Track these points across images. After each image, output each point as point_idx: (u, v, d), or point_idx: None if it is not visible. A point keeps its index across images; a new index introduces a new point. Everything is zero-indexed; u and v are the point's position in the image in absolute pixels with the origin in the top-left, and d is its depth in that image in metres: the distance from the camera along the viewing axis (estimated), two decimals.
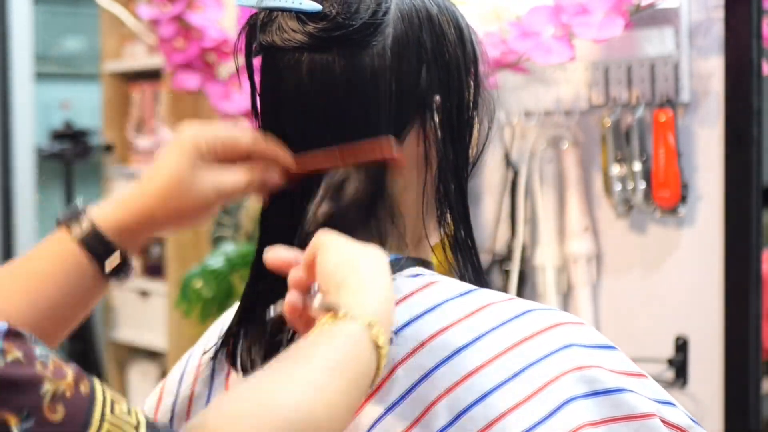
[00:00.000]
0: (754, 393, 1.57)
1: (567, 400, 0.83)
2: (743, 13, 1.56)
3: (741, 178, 1.58)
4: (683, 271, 1.69)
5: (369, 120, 0.90)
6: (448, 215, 0.95)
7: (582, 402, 0.83)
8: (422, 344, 0.86)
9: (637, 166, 1.69)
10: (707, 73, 1.64)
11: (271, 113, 0.93)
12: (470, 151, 0.96)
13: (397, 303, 0.89)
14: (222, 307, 2.55)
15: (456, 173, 0.94)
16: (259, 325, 0.92)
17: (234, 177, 0.93)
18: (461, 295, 0.89)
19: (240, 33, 0.94)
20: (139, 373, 3.49)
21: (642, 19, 1.66)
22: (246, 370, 0.92)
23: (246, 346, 0.92)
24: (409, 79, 0.91)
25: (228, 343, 0.94)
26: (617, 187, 1.72)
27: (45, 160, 3.67)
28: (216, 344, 0.97)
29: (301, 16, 0.90)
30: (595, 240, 1.79)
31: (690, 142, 1.67)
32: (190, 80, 2.47)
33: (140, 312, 3.47)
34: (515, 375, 0.83)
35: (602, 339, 0.88)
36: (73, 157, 3.41)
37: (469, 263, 0.95)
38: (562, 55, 1.62)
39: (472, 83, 0.95)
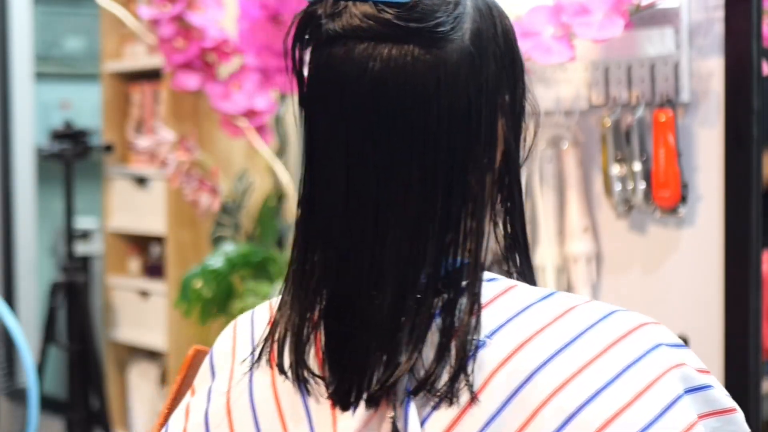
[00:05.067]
0: (754, 393, 1.57)
1: (677, 398, 0.84)
2: (743, 13, 1.56)
3: (741, 178, 1.58)
4: (683, 271, 1.69)
5: (452, 119, 0.86)
6: (504, 215, 0.92)
7: (687, 398, 0.85)
8: (518, 348, 0.85)
9: (637, 166, 1.69)
10: (707, 73, 1.64)
11: (331, 112, 0.87)
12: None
13: (483, 307, 0.87)
14: (222, 307, 2.56)
15: (517, 175, 0.92)
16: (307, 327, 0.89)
17: None
18: (543, 298, 0.89)
19: (295, 21, 0.89)
20: (139, 373, 3.49)
21: (642, 19, 1.66)
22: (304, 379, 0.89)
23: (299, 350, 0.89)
24: (487, 77, 0.88)
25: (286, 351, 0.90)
26: (617, 187, 1.72)
27: (45, 160, 3.67)
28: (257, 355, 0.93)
29: (378, 3, 0.86)
30: (595, 240, 1.79)
31: (690, 142, 1.67)
32: (190, 80, 2.47)
33: (140, 312, 3.47)
34: (617, 376, 0.83)
35: (677, 338, 0.89)
36: (73, 157, 3.41)
37: (526, 262, 0.94)
38: (562, 55, 1.62)
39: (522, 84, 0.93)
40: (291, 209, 2.70)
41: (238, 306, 2.47)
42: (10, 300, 3.97)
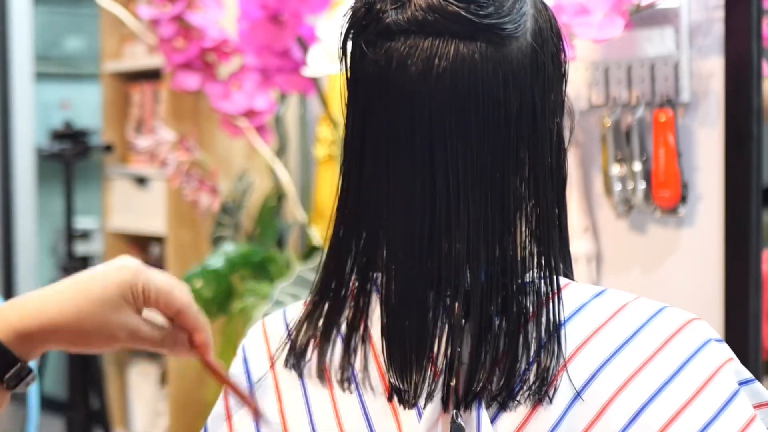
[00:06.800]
0: None
1: (735, 393, 0.84)
2: (743, 13, 1.56)
3: (741, 178, 1.58)
4: (683, 271, 1.69)
5: (520, 120, 0.85)
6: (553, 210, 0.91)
7: (743, 392, 0.85)
8: (581, 346, 0.85)
9: (637, 166, 1.69)
10: (707, 73, 1.64)
11: (391, 109, 0.84)
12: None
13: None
14: (222, 307, 2.56)
15: (566, 172, 0.92)
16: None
17: (151, 332, 0.88)
18: (597, 295, 0.89)
19: (350, 14, 0.87)
20: (139, 374, 3.49)
21: (642, 19, 1.66)
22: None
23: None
24: (548, 77, 0.87)
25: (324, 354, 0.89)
26: (617, 187, 1.72)
27: (45, 160, 3.67)
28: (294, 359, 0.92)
29: None
30: (595, 240, 1.79)
31: (690, 142, 1.67)
32: (190, 80, 2.47)
33: None
34: (676, 373, 0.84)
35: (716, 333, 0.90)
36: (73, 157, 3.40)
37: (567, 259, 0.93)
38: None
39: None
40: (291, 209, 2.70)
41: (238, 306, 2.47)
42: None
